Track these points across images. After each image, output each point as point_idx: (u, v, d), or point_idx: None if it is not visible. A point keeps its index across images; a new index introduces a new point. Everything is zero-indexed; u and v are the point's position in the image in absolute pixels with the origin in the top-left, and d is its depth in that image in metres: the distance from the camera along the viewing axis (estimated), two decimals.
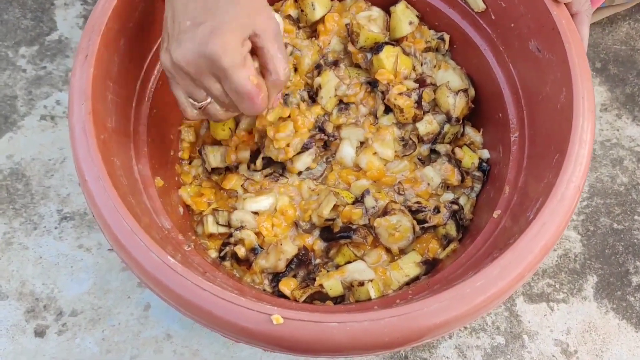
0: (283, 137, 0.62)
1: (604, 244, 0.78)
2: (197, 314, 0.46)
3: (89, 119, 0.49)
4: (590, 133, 0.51)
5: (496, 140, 0.66)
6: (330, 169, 0.67)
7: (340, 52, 0.69)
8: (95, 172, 0.48)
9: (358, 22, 0.65)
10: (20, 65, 0.86)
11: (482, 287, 0.46)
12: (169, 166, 0.66)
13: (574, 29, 0.54)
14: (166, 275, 0.45)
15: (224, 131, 0.67)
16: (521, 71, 0.62)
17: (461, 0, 0.67)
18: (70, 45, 0.87)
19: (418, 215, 0.63)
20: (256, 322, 0.44)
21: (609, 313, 0.74)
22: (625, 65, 0.89)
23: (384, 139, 0.65)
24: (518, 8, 0.60)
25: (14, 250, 0.75)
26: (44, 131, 0.82)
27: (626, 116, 0.86)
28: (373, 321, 0.44)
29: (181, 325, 0.72)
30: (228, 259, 0.63)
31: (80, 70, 0.51)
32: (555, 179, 0.49)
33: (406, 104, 0.64)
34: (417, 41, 0.69)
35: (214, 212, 0.64)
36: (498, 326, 0.73)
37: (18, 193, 0.78)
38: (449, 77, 0.67)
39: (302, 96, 0.66)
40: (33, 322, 0.71)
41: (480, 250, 0.56)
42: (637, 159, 0.83)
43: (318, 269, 0.63)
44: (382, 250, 0.63)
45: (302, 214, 0.64)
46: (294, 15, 0.70)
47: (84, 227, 0.76)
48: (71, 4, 0.91)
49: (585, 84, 0.52)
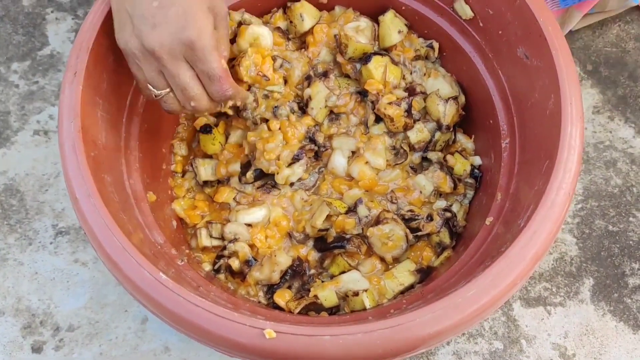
0: (272, 148, 0.62)
1: (599, 246, 0.78)
2: (189, 330, 0.46)
3: (79, 136, 0.49)
4: (579, 139, 0.51)
5: (487, 146, 0.66)
6: (323, 179, 0.67)
7: (329, 62, 0.69)
8: (85, 189, 0.48)
9: (346, 34, 0.65)
10: (12, 81, 0.86)
11: (475, 296, 0.46)
12: (161, 180, 0.66)
13: (560, 35, 0.55)
14: (158, 292, 0.46)
15: (214, 145, 0.67)
16: (510, 78, 0.62)
17: (449, 8, 0.67)
18: (62, 59, 0.88)
19: (411, 223, 0.63)
20: (249, 337, 0.44)
21: (606, 315, 0.74)
22: (617, 67, 0.89)
23: (376, 148, 0.65)
24: (505, 15, 0.60)
25: (9, 266, 0.75)
26: (37, 146, 0.82)
27: (619, 118, 0.86)
28: (366, 333, 0.44)
29: (179, 338, 0.72)
30: (222, 271, 0.63)
31: (69, 88, 0.51)
32: (545, 186, 0.49)
33: (396, 113, 0.64)
34: (407, 50, 0.69)
35: (208, 225, 0.64)
36: (496, 331, 0.73)
37: (12, 209, 0.78)
38: (438, 84, 0.67)
39: (292, 107, 0.66)
40: (30, 338, 0.71)
41: (473, 258, 0.56)
42: (631, 161, 0.83)
43: (313, 279, 0.63)
44: (376, 260, 0.63)
45: (296, 224, 0.64)
46: (283, 27, 0.70)
47: (79, 242, 0.76)
48: (62, 19, 0.91)
49: (573, 90, 0.52)
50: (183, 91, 0.52)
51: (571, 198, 0.50)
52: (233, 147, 0.67)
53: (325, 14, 0.71)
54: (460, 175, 0.66)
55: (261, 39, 0.65)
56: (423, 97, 0.67)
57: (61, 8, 0.92)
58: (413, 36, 0.70)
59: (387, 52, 0.68)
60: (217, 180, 0.68)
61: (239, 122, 0.68)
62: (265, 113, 0.66)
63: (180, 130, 0.71)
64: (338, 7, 0.71)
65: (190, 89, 0.52)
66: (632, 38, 0.92)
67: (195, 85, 0.52)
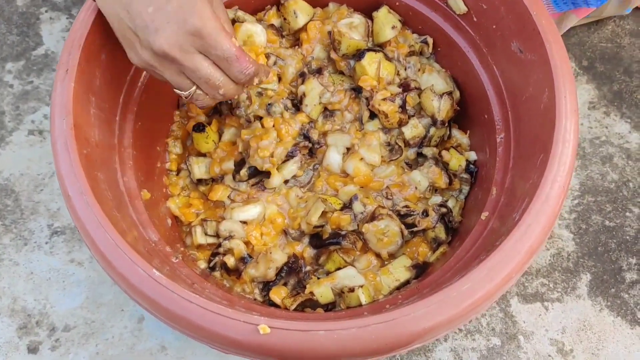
0: (266, 145, 0.62)
1: (596, 241, 0.78)
2: (184, 327, 0.46)
3: (71, 134, 0.49)
4: (573, 133, 0.51)
5: (483, 141, 0.66)
6: (317, 175, 0.67)
7: (323, 59, 0.69)
8: (78, 187, 0.48)
9: (339, 30, 0.65)
10: (7, 81, 0.86)
11: (469, 290, 0.45)
12: (156, 178, 0.66)
13: (554, 29, 0.54)
14: (152, 289, 0.45)
15: (208, 144, 0.67)
16: (505, 72, 0.62)
17: (443, 3, 0.67)
18: (57, 59, 0.87)
19: (407, 219, 0.63)
20: (243, 333, 0.44)
21: (604, 311, 0.74)
22: (612, 63, 0.89)
23: (370, 145, 0.65)
24: (499, 10, 0.60)
25: (4, 266, 0.75)
26: (32, 146, 0.82)
27: (614, 113, 0.86)
28: (360, 328, 0.44)
29: (175, 337, 0.71)
30: (218, 269, 0.63)
31: (61, 85, 0.51)
32: (540, 180, 0.49)
33: (390, 109, 0.64)
34: (401, 45, 0.69)
35: (203, 223, 0.64)
36: (493, 327, 0.73)
37: (7, 209, 0.78)
38: (433, 80, 0.67)
39: (286, 105, 0.66)
40: (26, 338, 0.71)
41: (469, 253, 0.56)
42: (627, 156, 0.83)
43: (308, 276, 0.63)
44: (372, 256, 0.62)
45: (291, 221, 0.64)
46: (277, 25, 0.70)
47: (75, 241, 0.76)
48: (57, 18, 0.91)
49: (567, 84, 0.52)
50: (208, 82, 0.51)
51: (566, 191, 0.50)
52: (226, 145, 0.67)
53: (319, 10, 0.71)
54: (456, 171, 0.66)
55: (255, 36, 0.64)
56: (417, 92, 0.67)
57: (55, 7, 0.92)
58: (407, 32, 0.70)
59: (381, 48, 0.68)
60: (211, 179, 0.67)
61: (233, 120, 0.68)
62: (259, 110, 0.66)
63: (174, 129, 0.70)
64: (332, 4, 0.71)
65: (213, 78, 0.51)
66: (627, 34, 0.92)
67: (217, 73, 0.51)
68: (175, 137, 0.69)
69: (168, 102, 0.70)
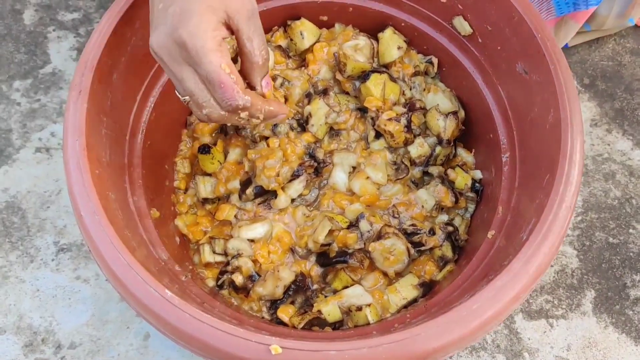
0: (272, 165, 0.62)
1: (600, 258, 0.78)
2: (196, 347, 0.46)
3: (84, 154, 0.50)
4: (579, 153, 0.51)
5: (488, 160, 0.66)
6: (324, 194, 0.67)
7: (329, 80, 0.70)
8: (90, 207, 0.48)
9: (344, 53, 0.66)
10: (14, 99, 0.86)
11: (479, 310, 0.46)
12: (164, 197, 0.66)
13: (558, 51, 0.55)
14: (164, 309, 0.45)
15: (213, 164, 0.67)
16: (509, 92, 0.63)
17: (448, 24, 0.68)
18: (64, 77, 0.88)
19: (414, 237, 0.63)
20: (255, 353, 0.44)
21: (609, 327, 0.74)
22: (613, 81, 0.90)
23: (376, 164, 0.65)
24: (504, 31, 0.61)
25: (10, 284, 0.75)
26: (39, 163, 0.82)
27: (616, 130, 0.87)
28: (372, 348, 0.44)
29: (181, 354, 0.71)
30: (226, 287, 0.63)
31: (74, 106, 0.52)
32: (546, 200, 0.50)
33: (396, 129, 0.65)
34: (406, 66, 0.70)
35: (211, 241, 0.64)
36: (498, 344, 0.73)
37: (14, 226, 0.78)
38: (438, 100, 0.68)
39: (291, 125, 0.67)
40: (32, 356, 0.71)
41: (476, 272, 0.57)
42: (629, 173, 0.84)
43: (316, 294, 0.63)
44: (379, 274, 0.63)
45: (298, 240, 0.65)
46: (284, 46, 0.71)
47: (81, 259, 0.76)
48: (64, 37, 0.92)
49: (573, 105, 0.53)
50: (192, 97, 0.48)
51: (573, 211, 0.50)
52: (232, 164, 0.67)
53: (325, 31, 0.72)
54: (462, 189, 0.67)
55: None
56: (423, 112, 0.67)
57: (63, 26, 0.93)
58: (412, 52, 0.71)
59: (387, 68, 0.69)
60: (217, 198, 0.68)
61: (238, 140, 0.68)
62: (265, 131, 0.67)
63: (183, 148, 0.71)
64: (338, 25, 0.72)
65: (197, 95, 0.48)
66: (628, 52, 0.93)
67: (203, 92, 0.48)
68: (183, 156, 0.70)
69: (176, 120, 0.71)
